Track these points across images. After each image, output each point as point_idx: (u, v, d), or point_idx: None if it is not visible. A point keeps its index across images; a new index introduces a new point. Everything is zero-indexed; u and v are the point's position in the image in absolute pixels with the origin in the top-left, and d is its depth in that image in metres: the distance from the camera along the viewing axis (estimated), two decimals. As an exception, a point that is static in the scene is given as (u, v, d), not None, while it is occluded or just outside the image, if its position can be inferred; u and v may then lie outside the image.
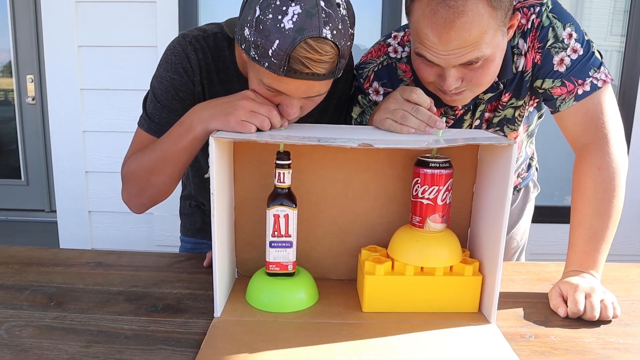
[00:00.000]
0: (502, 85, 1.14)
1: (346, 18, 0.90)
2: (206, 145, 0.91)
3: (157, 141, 1.06)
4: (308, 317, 0.94)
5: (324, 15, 0.86)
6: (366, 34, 2.44)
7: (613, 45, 2.55)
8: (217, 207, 0.89)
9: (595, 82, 1.07)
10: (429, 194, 0.93)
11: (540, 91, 1.14)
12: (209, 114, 0.95)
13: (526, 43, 1.10)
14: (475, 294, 0.97)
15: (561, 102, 1.10)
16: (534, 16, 1.08)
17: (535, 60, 1.10)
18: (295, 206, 0.94)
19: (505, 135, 1.23)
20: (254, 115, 0.92)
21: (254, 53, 0.90)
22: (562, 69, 1.08)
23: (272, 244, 0.95)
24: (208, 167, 1.01)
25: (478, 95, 1.15)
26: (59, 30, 2.36)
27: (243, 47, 0.93)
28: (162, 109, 1.11)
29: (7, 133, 4.03)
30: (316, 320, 0.93)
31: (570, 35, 1.07)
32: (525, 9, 1.09)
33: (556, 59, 1.08)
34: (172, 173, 1.06)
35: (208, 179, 0.89)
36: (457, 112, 1.19)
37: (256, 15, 0.87)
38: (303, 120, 1.05)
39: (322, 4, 0.86)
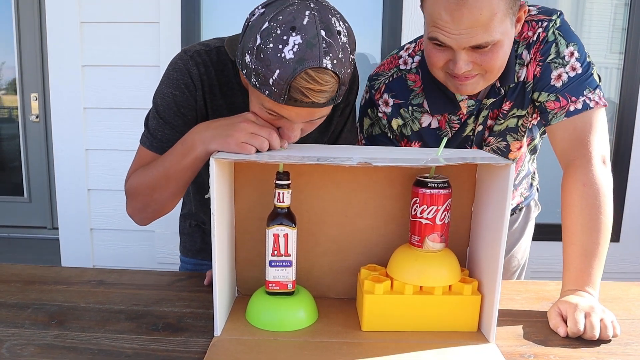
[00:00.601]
0: (502, 91, 1.17)
1: (347, 45, 0.91)
2: (209, 164, 0.92)
3: (160, 159, 1.07)
4: (307, 336, 0.94)
5: (324, 45, 0.87)
6: (367, 43, 2.46)
7: (612, 63, 2.57)
8: (217, 226, 0.90)
9: (587, 101, 1.10)
10: (428, 214, 0.94)
11: (537, 104, 1.16)
12: (210, 135, 0.97)
13: (529, 54, 1.13)
14: (475, 313, 0.97)
15: (553, 116, 1.13)
16: (540, 30, 1.12)
17: (535, 73, 1.14)
18: (295, 226, 0.95)
19: (509, 145, 1.27)
20: (254, 137, 0.93)
21: (254, 80, 0.91)
22: (559, 84, 1.11)
23: (272, 263, 0.96)
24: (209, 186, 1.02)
25: (481, 100, 1.19)
26: (63, 50, 2.39)
27: (244, 72, 0.94)
28: (165, 125, 1.11)
29: (10, 150, 4.06)
30: (316, 339, 0.93)
31: (572, 54, 1.11)
32: (534, 22, 1.13)
33: (554, 74, 1.11)
34: (174, 190, 1.07)
35: (209, 198, 0.90)
36: (461, 116, 1.22)
37: (257, 44, 0.88)
38: (302, 140, 1.06)
39: (323, 33, 0.87)
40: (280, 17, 0.87)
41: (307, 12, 0.88)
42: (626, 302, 1.15)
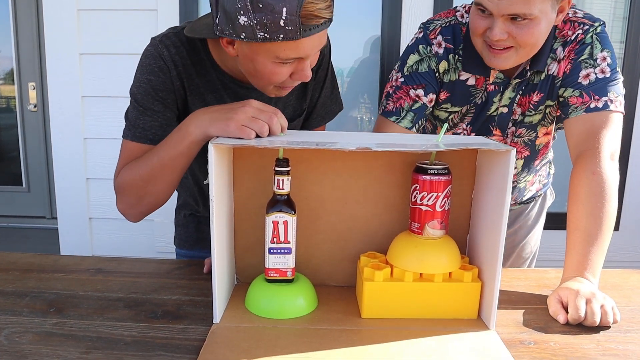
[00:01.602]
0: (529, 73, 1.22)
1: None
2: (203, 153, 0.91)
3: (153, 149, 1.06)
4: (307, 324, 0.94)
5: None
6: (366, 38, 2.45)
7: (615, 52, 2.56)
8: (216, 213, 0.89)
9: (609, 103, 1.15)
10: (428, 201, 0.93)
11: (561, 99, 1.22)
12: (208, 119, 0.96)
13: (563, 52, 1.19)
14: (475, 300, 0.97)
15: (573, 110, 1.18)
16: (580, 31, 1.19)
17: (565, 70, 1.20)
18: (294, 213, 0.95)
19: (537, 134, 1.33)
20: (254, 121, 0.92)
21: (262, 34, 0.90)
22: (585, 82, 1.17)
23: (271, 251, 0.96)
24: (204, 174, 1.01)
25: (508, 79, 1.24)
26: (60, 38, 2.37)
27: (242, 35, 0.92)
28: (145, 112, 1.09)
29: (8, 140, 4.05)
30: (315, 326, 0.93)
31: (604, 59, 1.17)
32: (576, 24, 1.20)
33: (583, 73, 1.17)
34: (169, 180, 1.06)
35: (207, 185, 0.89)
36: (488, 87, 1.26)
37: None
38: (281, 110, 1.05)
39: None
40: None
41: None
42: (626, 289, 1.14)
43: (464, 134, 1.36)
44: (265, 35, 0.90)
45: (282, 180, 0.93)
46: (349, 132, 1.22)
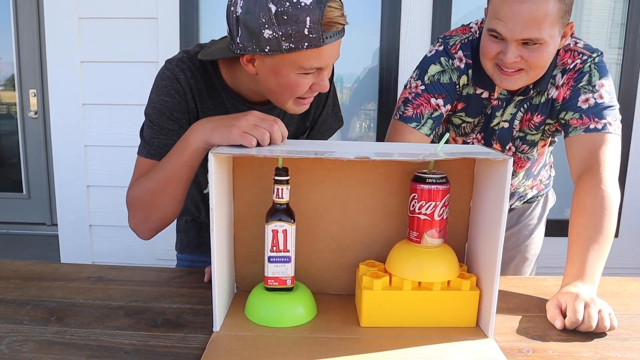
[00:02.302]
0: (532, 91, 1.30)
1: None
2: (204, 162, 0.92)
3: (159, 163, 1.08)
4: (306, 332, 0.94)
5: None
6: (366, 42, 2.46)
7: (611, 58, 2.57)
8: (216, 222, 0.90)
9: (608, 125, 1.22)
10: (426, 210, 0.94)
11: (562, 121, 1.29)
12: (210, 127, 0.97)
13: (562, 79, 1.27)
14: (473, 308, 0.97)
15: (572, 129, 1.25)
16: (578, 61, 1.26)
17: (565, 96, 1.27)
18: (294, 221, 0.95)
19: (537, 148, 1.43)
20: (256, 128, 0.94)
21: (287, 44, 0.96)
22: (585, 106, 1.24)
23: (271, 259, 0.96)
24: (205, 182, 1.02)
25: (512, 96, 1.31)
26: (61, 46, 2.38)
27: (267, 49, 0.97)
28: (159, 131, 1.12)
29: (9, 146, 4.05)
30: (314, 335, 0.93)
31: (602, 85, 1.24)
32: (576, 53, 1.27)
33: (582, 98, 1.24)
34: (175, 192, 1.07)
35: (207, 194, 0.90)
36: (492, 101, 1.33)
37: (274, 12, 0.93)
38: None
39: None
40: None
41: None
42: (624, 297, 1.15)
43: (475, 143, 1.42)
44: (291, 45, 0.96)
45: (282, 189, 0.94)
46: (348, 141, 1.23)
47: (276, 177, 0.93)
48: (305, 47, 0.96)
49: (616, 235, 2.60)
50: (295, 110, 1.11)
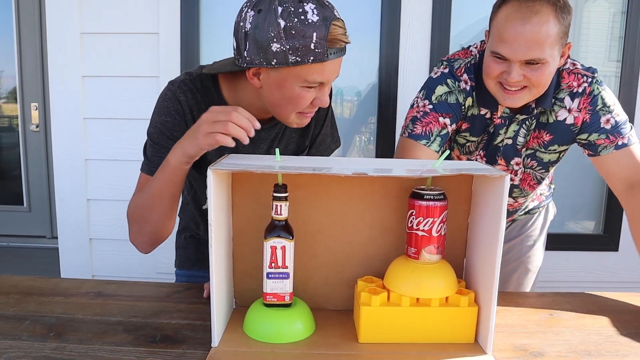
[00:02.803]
0: (535, 110, 1.35)
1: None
2: (204, 177, 0.93)
3: (149, 181, 1.13)
4: (305, 348, 0.94)
5: (327, 3, 1.03)
6: (366, 54, 2.47)
7: (610, 71, 2.58)
8: (215, 237, 0.90)
9: (631, 137, 1.34)
10: (424, 226, 0.95)
11: (584, 141, 1.38)
12: (183, 141, 1.03)
13: (572, 103, 1.34)
14: (471, 324, 0.97)
15: (603, 149, 1.34)
16: (585, 84, 1.33)
17: (585, 120, 1.35)
18: (292, 238, 0.96)
19: (549, 173, 1.49)
20: (215, 124, 0.97)
21: (293, 58, 1.00)
22: (608, 126, 1.33)
23: (269, 275, 0.96)
24: (205, 198, 1.03)
25: (514, 114, 1.36)
26: (63, 60, 2.39)
27: (274, 62, 1.02)
28: (160, 149, 1.16)
29: (10, 159, 4.06)
30: (313, 351, 0.93)
31: (614, 104, 1.35)
32: (579, 75, 1.34)
33: (603, 119, 1.34)
34: (162, 208, 1.12)
35: (206, 210, 0.90)
36: (495, 120, 1.37)
37: (282, 26, 0.99)
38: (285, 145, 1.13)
39: None
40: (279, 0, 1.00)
41: None
42: (625, 313, 1.15)
43: (478, 160, 1.45)
44: (297, 58, 1.00)
45: (280, 205, 0.94)
46: (347, 157, 1.24)
47: (275, 194, 0.94)
48: (310, 60, 1.00)
49: (616, 250, 2.61)
50: (297, 123, 1.14)
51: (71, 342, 0.95)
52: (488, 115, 1.38)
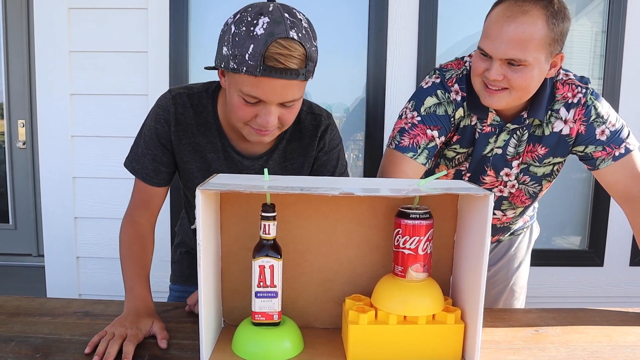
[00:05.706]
0: (527, 121, 1.34)
1: (309, 29, 1.04)
2: (194, 196, 0.94)
3: (122, 266, 1.21)
4: (293, 367, 0.95)
5: (289, 22, 1.00)
6: (354, 63, 2.50)
7: (593, 88, 2.63)
8: (203, 257, 0.91)
9: (628, 146, 1.34)
10: (410, 244, 0.96)
11: (580, 154, 1.38)
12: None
13: (568, 114, 1.34)
14: (458, 341, 0.98)
15: (601, 162, 1.35)
16: (580, 95, 1.33)
17: (580, 131, 1.35)
18: (281, 257, 0.96)
19: (542, 188, 1.48)
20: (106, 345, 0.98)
21: (232, 64, 1.02)
22: (603, 137, 1.34)
23: (258, 294, 0.97)
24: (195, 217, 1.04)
25: (505, 123, 1.35)
26: (51, 77, 2.40)
27: (222, 65, 1.05)
28: (147, 153, 1.23)
29: (-4, 176, 4.03)
30: (301, 370, 0.94)
31: (608, 114, 1.34)
32: (573, 86, 1.34)
33: (598, 131, 1.34)
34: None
35: (195, 230, 0.91)
36: (484, 127, 1.36)
37: (232, 32, 1.02)
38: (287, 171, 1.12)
39: (287, 15, 1.01)
40: (250, 9, 1.03)
41: (271, 5, 1.02)
42: (607, 328, 1.16)
43: (464, 171, 1.44)
44: (234, 65, 1.02)
45: (269, 225, 0.95)
46: (332, 177, 1.24)
47: (263, 214, 0.95)
48: (243, 71, 1.01)
49: (601, 265, 2.63)
50: (250, 138, 1.14)
51: (58, 363, 0.94)
52: (479, 125, 1.37)
